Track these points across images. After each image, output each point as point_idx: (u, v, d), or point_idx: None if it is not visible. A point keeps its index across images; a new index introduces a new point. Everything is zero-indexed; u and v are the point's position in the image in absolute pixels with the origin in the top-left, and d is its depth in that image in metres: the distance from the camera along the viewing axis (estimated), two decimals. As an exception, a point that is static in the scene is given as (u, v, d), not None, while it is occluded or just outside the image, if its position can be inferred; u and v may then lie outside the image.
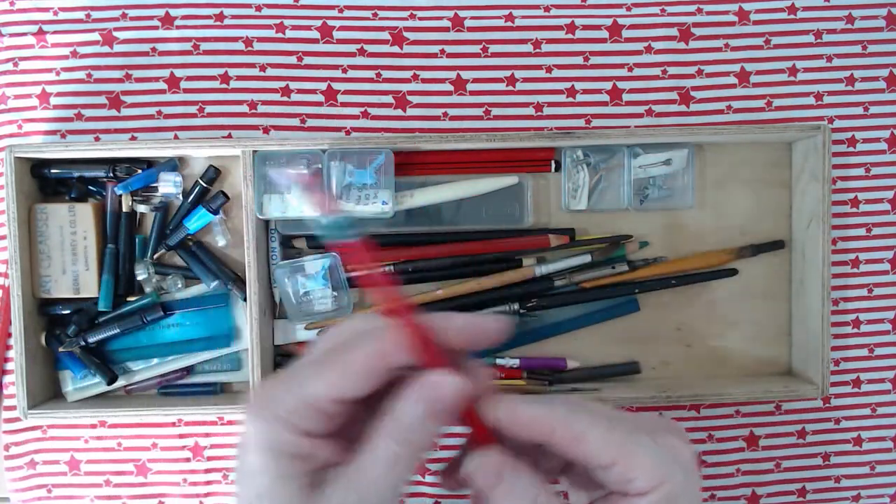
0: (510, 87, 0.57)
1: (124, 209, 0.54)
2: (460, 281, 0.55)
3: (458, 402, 0.28)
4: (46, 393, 0.55)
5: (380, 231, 0.55)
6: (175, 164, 0.55)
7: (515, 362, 0.56)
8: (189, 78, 0.56)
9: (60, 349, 0.54)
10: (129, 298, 0.55)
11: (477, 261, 0.55)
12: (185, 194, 0.55)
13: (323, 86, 0.57)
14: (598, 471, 0.30)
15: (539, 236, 0.55)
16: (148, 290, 0.55)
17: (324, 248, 0.55)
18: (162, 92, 0.56)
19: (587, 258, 0.55)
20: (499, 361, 0.56)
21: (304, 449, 0.27)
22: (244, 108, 0.56)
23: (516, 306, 0.56)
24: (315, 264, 0.54)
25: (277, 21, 0.56)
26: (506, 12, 0.56)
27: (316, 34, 0.56)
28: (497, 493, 0.29)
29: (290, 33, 0.56)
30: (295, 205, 0.52)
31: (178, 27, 0.56)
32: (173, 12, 0.56)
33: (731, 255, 0.56)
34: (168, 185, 0.54)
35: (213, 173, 0.55)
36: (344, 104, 0.57)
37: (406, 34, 0.56)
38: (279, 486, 0.27)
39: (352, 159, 0.53)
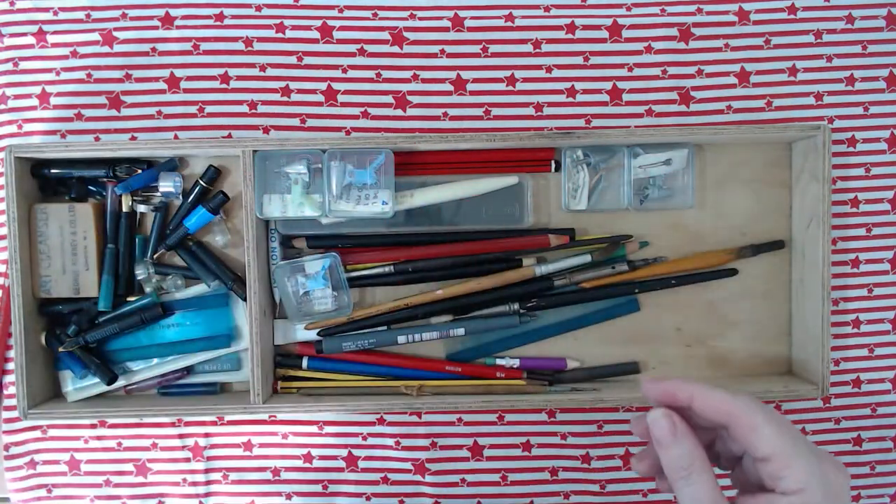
0: (510, 87, 0.57)
1: (124, 209, 0.54)
2: (460, 281, 0.55)
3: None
4: (46, 393, 0.55)
5: (380, 231, 0.55)
6: (175, 164, 0.55)
7: (515, 362, 0.56)
8: (189, 78, 0.56)
9: (60, 349, 0.54)
10: (129, 298, 0.55)
11: (477, 261, 0.55)
12: (185, 194, 0.55)
13: (323, 86, 0.57)
14: (757, 463, 0.35)
15: (539, 236, 0.55)
16: (148, 290, 0.55)
17: (324, 248, 0.55)
18: (162, 92, 0.56)
19: (587, 258, 0.55)
20: (499, 361, 0.56)
21: None
22: (244, 108, 0.56)
23: (516, 306, 0.56)
24: (315, 264, 0.54)
25: (277, 21, 0.56)
26: (506, 12, 0.56)
27: (316, 34, 0.56)
28: (666, 447, 0.36)
29: (290, 33, 0.56)
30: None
31: (178, 27, 0.56)
32: (173, 12, 0.56)
33: (731, 255, 0.56)
34: (168, 185, 0.54)
35: (213, 173, 0.55)
36: (344, 104, 0.57)
37: (406, 34, 0.56)
38: None
39: (352, 159, 0.53)
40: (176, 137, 0.56)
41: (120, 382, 0.55)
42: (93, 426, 0.57)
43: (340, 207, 0.53)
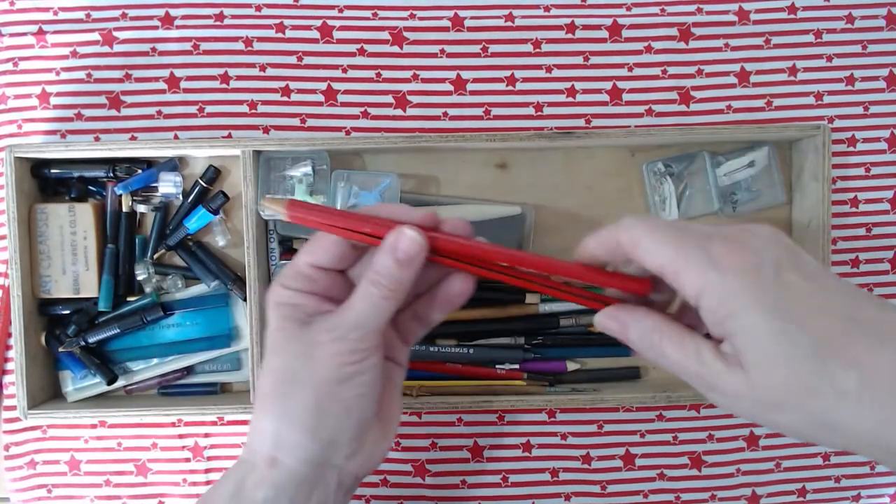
0: (510, 87, 0.57)
1: (124, 209, 0.54)
2: (464, 306, 0.55)
3: (418, 253, 0.35)
4: (46, 393, 0.55)
5: None
6: (175, 164, 0.55)
7: (516, 364, 0.56)
8: (189, 78, 0.56)
9: (60, 349, 0.54)
10: (129, 298, 0.55)
11: (477, 286, 0.55)
12: (185, 194, 0.55)
13: (323, 86, 0.57)
14: (664, 280, 0.33)
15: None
16: (148, 290, 0.55)
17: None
18: (162, 92, 0.56)
19: None
20: (499, 365, 0.56)
21: (293, 299, 0.37)
22: (244, 108, 0.56)
23: (521, 340, 0.56)
24: None
25: (277, 21, 0.56)
26: (506, 12, 0.56)
27: (316, 34, 0.56)
28: (626, 340, 0.36)
29: (290, 33, 0.56)
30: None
31: (178, 27, 0.56)
32: (173, 12, 0.56)
33: None
34: (168, 185, 0.54)
35: (213, 173, 0.55)
36: (344, 104, 0.57)
37: (406, 34, 0.56)
38: (279, 323, 0.37)
39: (358, 180, 0.53)
40: (176, 137, 0.56)
41: (120, 382, 0.55)
42: (93, 426, 0.57)
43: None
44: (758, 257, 0.31)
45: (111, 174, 0.54)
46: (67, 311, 0.55)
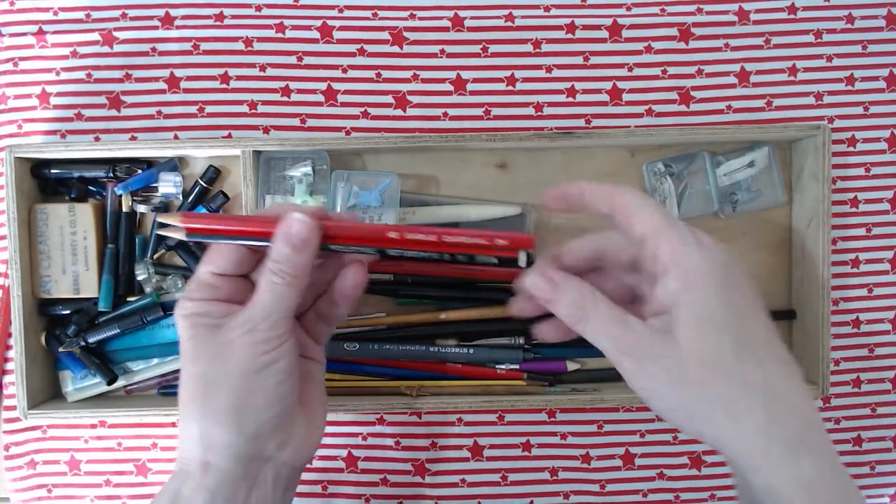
0: (510, 87, 0.57)
1: (124, 209, 0.54)
2: (463, 306, 0.55)
3: (310, 234, 0.37)
4: (46, 393, 0.55)
5: None
6: (175, 164, 0.55)
7: (516, 364, 0.56)
8: (189, 78, 0.56)
9: (60, 349, 0.54)
10: (129, 298, 0.55)
11: (477, 286, 0.56)
12: (185, 194, 0.55)
13: (323, 86, 0.57)
14: (640, 251, 0.36)
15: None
16: (148, 290, 0.55)
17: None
18: (162, 92, 0.56)
19: None
20: (499, 365, 0.56)
21: (199, 308, 0.38)
22: (244, 108, 0.56)
23: (521, 340, 0.56)
24: None
25: (277, 21, 0.56)
26: (506, 12, 0.56)
27: (316, 34, 0.56)
28: (553, 303, 0.37)
29: (290, 33, 0.56)
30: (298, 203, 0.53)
31: (178, 27, 0.56)
32: (173, 12, 0.56)
33: None
34: (168, 185, 0.54)
35: (213, 173, 0.55)
36: (344, 104, 0.57)
37: (406, 34, 0.56)
38: (190, 332, 0.38)
39: (358, 181, 0.53)
40: (176, 137, 0.56)
41: (120, 382, 0.55)
42: (93, 426, 0.57)
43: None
44: (733, 260, 0.36)
45: (111, 174, 0.54)
46: (67, 311, 0.55)
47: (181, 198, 0.55)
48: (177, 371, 0.56)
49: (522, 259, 0.38)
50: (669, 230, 0.35)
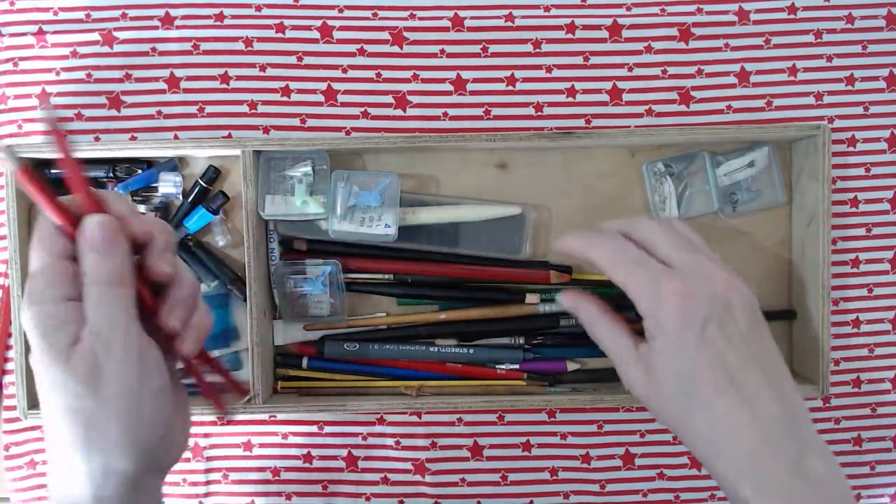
0: (510, 87, 0.57)
1: (124, 209, 0.54)
2: (463, 306, 0.55)
3: (112, 231, 0.35)
4: (46, 393, 0.55)
5: (379, 243, 0.54)
6: (175, 164, 0.55)
7: (516, 364, 0.56)
8: (189, 78, 0.56)
9: (60, 349, 0.54)
10: (129, 298, 0.55)
11: (477, 286, 0.56)
12: (185, 194, 0.55)
13: (323, 86, 0.57)
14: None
15: (540, 270, 0.55)
16: (148, 290, 0.55)
17: (324, 253, 0.55)
18: (162, 92, 0.56)
19: None
20: (499, 365, 0.56)
21: (50, 318, 0.34)
22: (244, 108, 0.56)
23: (521, 340, 0.56)
24: (316, 269, 0.54)
25: (277, 21, 0.56)
26: (506, 12, 0.56)
27: (316, 34, 0.56)
28: (579, 314, 0.46)
29: (290, 33, 0.56)
30: (297, 205, 0.53)
31: (178, 27, 0.56)
32: (173, 12, 0.56)
33: None
34: (168, 185, 0.54)
35: (213, 173, 0.55)
36: (344, 104, 0.57)
37: (406, 34, 0.56)
38: (45, 361, 0.34)
39: (357, 180, 0.53)
40: (176, 137, 0.56)
41: (120, 382, 0.55)
42: (93, 426, 0.57)
43: (344, 228, 0.53)
44: (696, 305, 0.39)
45: (111, 174, 0.54)
46: (67, 311, 0.55)
47: (181, 198, 0.55)
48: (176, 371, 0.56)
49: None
50: (639, 287, 0.41)
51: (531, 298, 0.55)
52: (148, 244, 0.37)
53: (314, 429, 0.58)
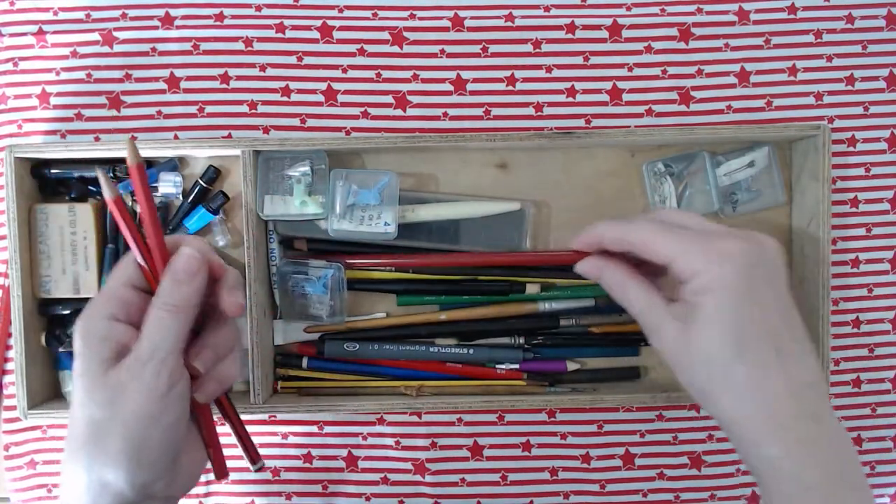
0: (510, 87, 0.57)
1: (124, 209, 0.54)
2: (463, 306, 0.56)
3: (198, 265, 0.38)
4: (46, 393, 0.55)
5: (380, 241, 0.54)
6: (175, 164, 0.55)
7: (516, 364, 0.56)
8: (189, 78, 0.56)
9: (60, 349, 0.54)
10: (129, 298, 0.55)
11: (479, 281, 0.55)
12: (185, 194, 0.55)
13: (323, 86, 0.57)
14: (671, 273, 0.41)
15: (544, 254, 0.55)
16: (148, 290, 0.55)
17: (324, 252, 0.55)
18: (162, 92, 0.56)
19: (591, 302, 0.55)
20: (499, 365, 0.56)
21: (103, 331, 0.36)
22: (244, 108, 0.56)
23: (521, 340, 0.56)
24: (317, 271, 0.54)
25: (277, 21, 0.56)
26: (506, 12, 0.56)
27: (316, 34, 0.56)
28: (599, 279, 0.44)
29: (290, 33, 0.56)
30: (296, 206, 0.53)
31: (178, 27, 0.56)
32: (173, 12, 0.56)
33: None
34: (168, 185, 0.54)
35: (213, 173, 0.55)
36: (344, 104, 0.57)
37: (406, 34, 0.56)
38: (83, 367, 0.36)
39: (356, 179, 0.53)
40: (176, 137, 0.56)
41: (120, 382, 0.55)
42: (93, 426, 0.57)
43: (343, 227, 0.53)
44: (752, 262, 0.39)
45: (111, 174, 0.54)
46: (67, 311, 0.55)
47: (181, 198, 0.55)
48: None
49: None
50: (690, 250, 0.39)
51: (531, 289, 0.55)
52: (220, 280, 0.40)
53: (314, 429, 0.58)
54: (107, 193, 0.38)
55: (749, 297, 0.38)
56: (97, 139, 0.56)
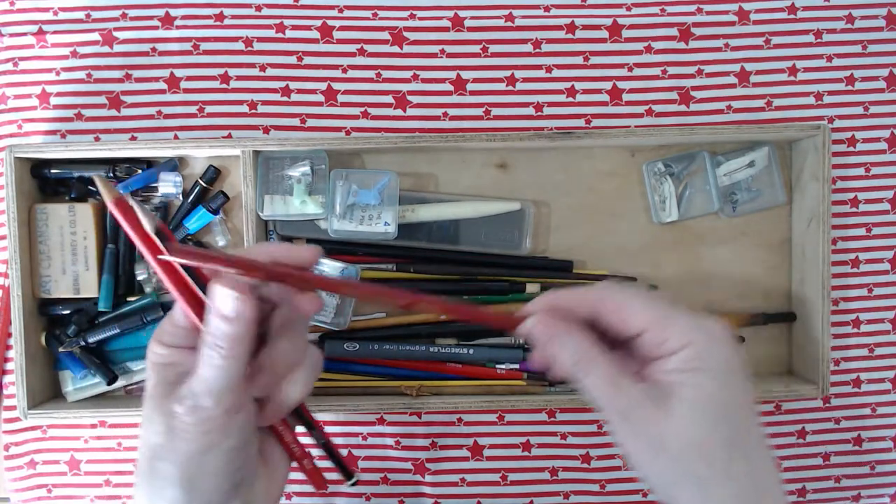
0: (510, 87, 0.57)
1: (124, 209, 0.54)
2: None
3: (241, 305, 0.34)
4: (46, 393, 0.55)
5: (380, 241, 0.54)
6: (175, 164, 0.55)
7: (516, 364, 0.56)
8: (189, 78, 0.56)
9: (60, 349, 0.54)
10: (129, 298, 0.55)
11: (478, 278, 0.55)
12: (185, 194, 0.55)
13: (323, 86, 0.57)
14: (637, 343, 0.36)
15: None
16: (148, 290, 0.55)
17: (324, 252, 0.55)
18: (162, 92, 0.56)
19: None
20: (499, 365, 0.56)
21: (169, 358, 0.36)
22: (244, 108, 0.56)
23: (521, 340, 0.56)
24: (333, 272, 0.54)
25: (277, 21, 0.56)
26: (506, 12, 0.56)
27: (316, 34, 0.56)
28: (550, 346, 0.36)
29: (290, 33, 0.56)
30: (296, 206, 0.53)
31: (178, 27, 0.56)
32: (173, 12, 0.56)
33: (741, 320, 0.56)
34: (168, 185, 0.54)
35: (213, 173, 0.55)
36: (344, 104, 0.57)
37: (406, 34, 0.56)
38: (151, 390, 0.36)
39: (356, 179, 0.53)
40: (176, 137, 0.56)
41: (120, 382, 0.55)
42: (93, 426, 0.57)
43: (343, 227, 0.53)
44: (735, 349, 0.36)
45: (111, 174, 0.54)
46: (67, 311, 0.55)
47: (181, 198, 0.55)
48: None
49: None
50: (674, 318, 0.35)
51: (531, 288, 0.55)
52: (279, 304, 0.38)
53: (314, 429, 0.58)
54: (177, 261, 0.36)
55: (737, 382, 0.35)
56: (97, 139, 0.56)
